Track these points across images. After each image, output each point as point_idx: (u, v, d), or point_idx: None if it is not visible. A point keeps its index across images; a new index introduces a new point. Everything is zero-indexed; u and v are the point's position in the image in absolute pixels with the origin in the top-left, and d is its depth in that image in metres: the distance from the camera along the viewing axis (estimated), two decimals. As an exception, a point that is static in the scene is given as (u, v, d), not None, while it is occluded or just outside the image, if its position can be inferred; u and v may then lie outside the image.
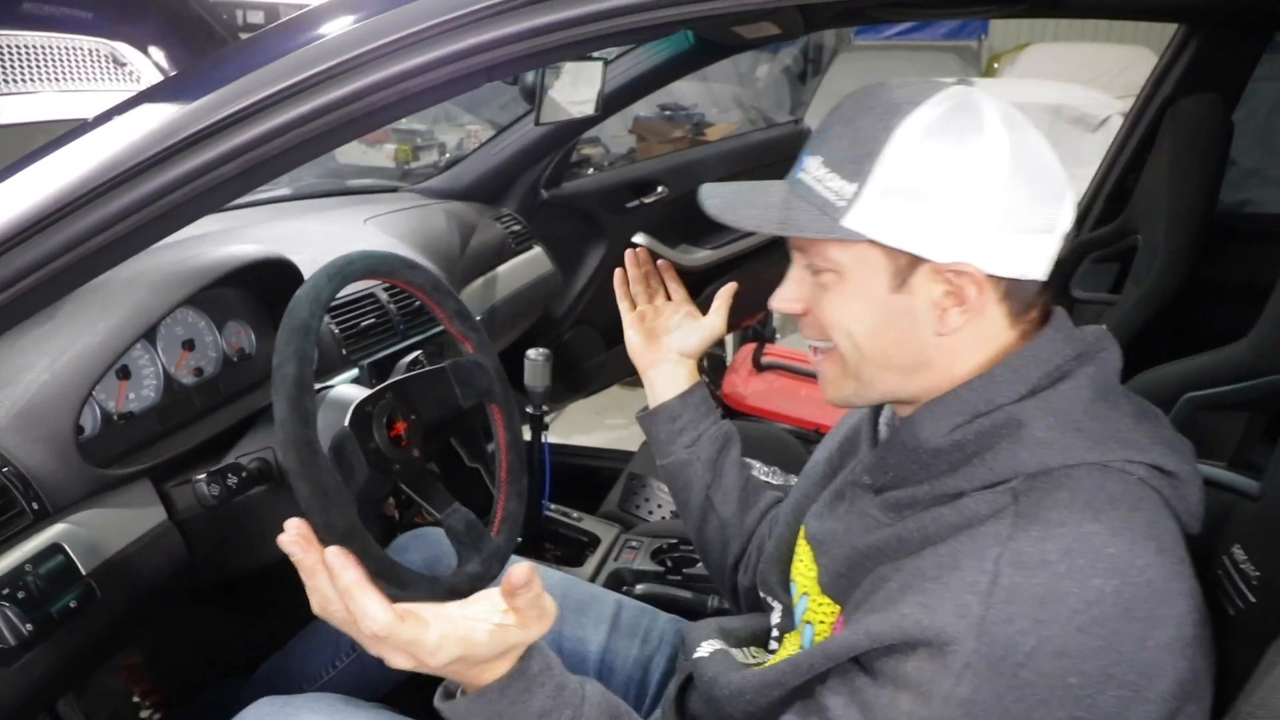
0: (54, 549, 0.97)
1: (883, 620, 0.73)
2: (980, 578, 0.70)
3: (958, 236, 0.75)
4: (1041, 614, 0.68)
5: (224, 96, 0.73)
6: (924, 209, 0.75)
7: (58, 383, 1.01)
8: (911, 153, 0.75)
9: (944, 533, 0.76)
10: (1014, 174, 0.74)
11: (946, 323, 0.79)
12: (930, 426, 0.80)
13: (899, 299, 0.79)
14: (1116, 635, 0.68)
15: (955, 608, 0.70)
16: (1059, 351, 0.79)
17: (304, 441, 0.96)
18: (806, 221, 0.78)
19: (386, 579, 0.99)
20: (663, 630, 1.24)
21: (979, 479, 0.77)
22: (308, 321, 1.00)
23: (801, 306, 0.84)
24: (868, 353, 0.82)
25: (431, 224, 1.95)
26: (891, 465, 0.84)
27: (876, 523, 0.84)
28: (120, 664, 1.49)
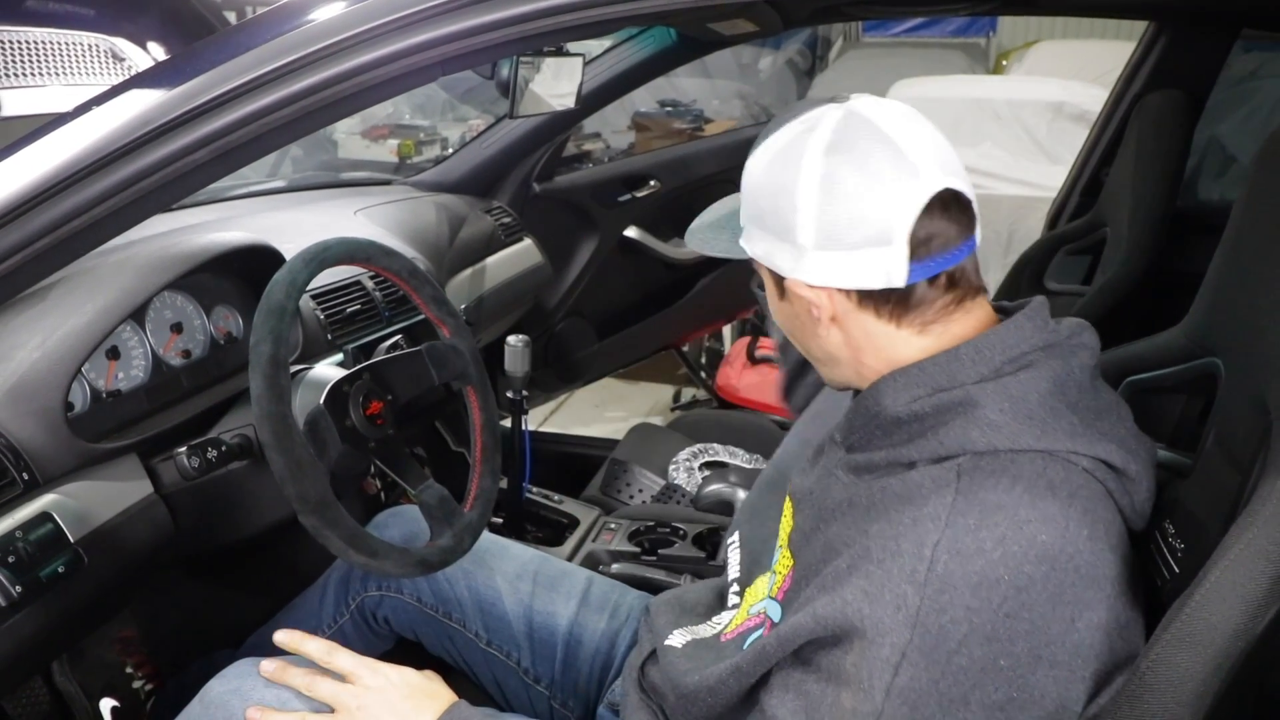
0: (43, 517, 1.03)
1: (829, 603, 0.77)
2: (918, 566, 0.73)
3: (790, 256, 0.83)
4: (974, 602, 0.72)
5: (193, 89, 0.79)
6: (765, 232, 0.84)
7: (48, 360, 1.06)
8: (752, 181, 0.86)
9: (890, 505, 0.79)
10: (825, 198, 0.80)
11: (818, 328, 0.86)
12: (891, 395, 0.84)
13: (786, 305, 0.89)
14: (1044, 619, 0.72)
15: (894, 598, 0.73)
16: (1026, 340, 0.82)
17: (278, 416, 1.01)
18: (720, 240, 0.94)
19: (357, 548, 1.04)
20: (631, 606, 1.29)
21: (929, 452, 0.80)
22: (283, 304, 1.06)
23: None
24: (800, 345, 0.93)
25: (421, 215, 2.00)
26: (857, 427, 0.88)
27: (838, 483, 0.88)
28: (114, 636, 1.55)
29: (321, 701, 0.99)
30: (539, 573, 1.33)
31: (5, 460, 1.02)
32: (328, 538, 1.03)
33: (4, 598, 0.95)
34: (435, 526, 1.18)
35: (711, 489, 1.64)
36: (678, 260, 2.78)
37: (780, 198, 0.82)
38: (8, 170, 0.82)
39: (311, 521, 1.02)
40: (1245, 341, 0.90)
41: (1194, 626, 0.70)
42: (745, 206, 0.87)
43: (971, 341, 0.82)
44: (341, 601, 1.37)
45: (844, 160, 0.80)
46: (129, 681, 1.54)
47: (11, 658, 0.99)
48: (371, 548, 1.05)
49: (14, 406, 1.04)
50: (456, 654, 1.31)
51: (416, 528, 1.37)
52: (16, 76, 1.69)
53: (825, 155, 0.80)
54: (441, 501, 1.18)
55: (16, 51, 1.71)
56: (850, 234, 0.80)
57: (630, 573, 1.58)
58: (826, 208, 0.80)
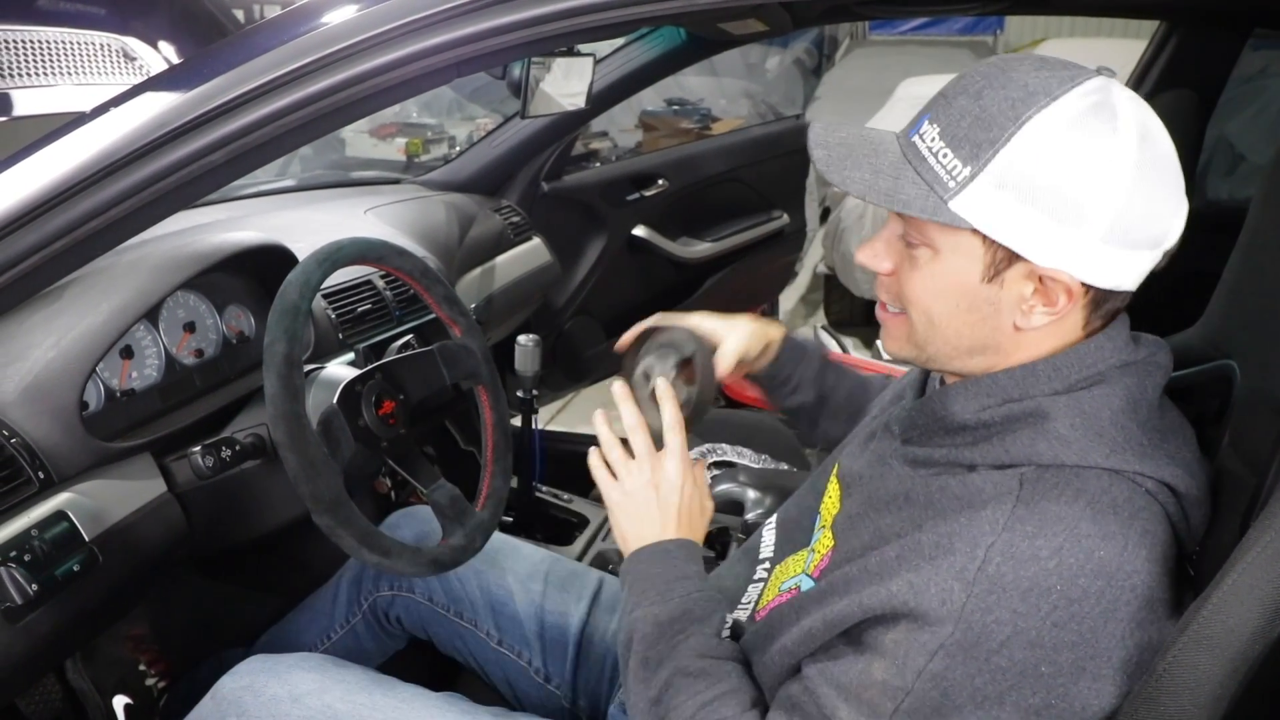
0: (59, 516, 1.03)
1: (875, 593, 0.77)
2: (969, 565, 0.73)
3: (1063, 243, 0.74)
4: (1021, 606, 0.72)
5: (210, 91, 0.79)
6: (1035, 210, 0.74)
7: (63, 359, 1.07)
8: (1036, 151, 0.73)
9: (948, 505, 0.79)
10: (1134, 188, 0.73)
11: (1029, 320, 0.79)
12: (962, 403, 0.82)
13: (987, 289, 0.79)
14: (1094, 633, 0.72)
15: (940, 592, 0.74)
16: (1105, 358, 0.80)
17: (292, 415, 1.02)
18: (913, 196, 0.77)
19: (370, 548, 1.04)
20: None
21: (993, 458, 0.80)
22: (297, 303, 1.06)
23: (889, 268, 0.84)
24: (940, 330, 0.83)
25: (430, 214, 2.01)
26: (920, 424, 0.87)
27: (894, 473, 0.88)
28: (127, 634, 1.56)
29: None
30: (550, 573, 1.33)
31: (21, 459, 1.02)
32: (341, 537, 1.03)
33: (20, 596, 0.96)
34: (447, 526, 1.18)
35: (720, 489, 1.64)
36: (686, 259, 2.78)
37: (1079, 176, 0.73)
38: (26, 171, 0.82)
39: (325, 521, 1.02)
40: (1261, 344, 0.90)
41: (1211, 629, 0.70)
42: (992, 169, 0.74)
43: (1050, 360, 0.80)
44: (353, 601, 1.38)
45: (1153, 154, 0.74)
46: (141, 679, 1.55)
47: (27, 656, 1.00)
48: (385, 547, 1.06)
49: (29, 405, 1.04)
50: (468, 653, 1.32)
51: (428, 527, 1.37)
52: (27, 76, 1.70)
53: (1139, 144, 0.73)
54: (453, 501, 1.18)
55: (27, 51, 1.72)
56: (1138, 232, 0.75)
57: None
58: (1134, 200, 0.73)
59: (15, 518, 1.00)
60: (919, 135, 0.79)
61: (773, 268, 3.16)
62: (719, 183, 2.82)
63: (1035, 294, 0.78)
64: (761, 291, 3.31)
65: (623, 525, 0.99)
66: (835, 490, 0.97)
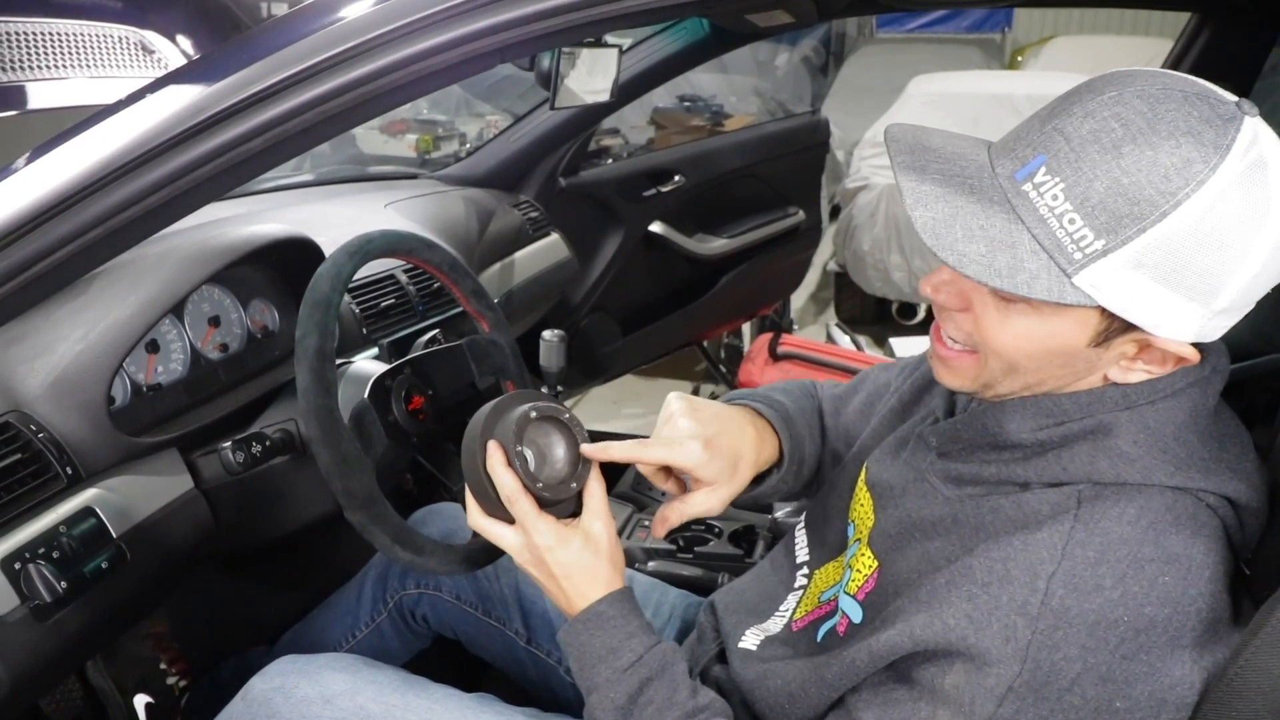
0: (86, 512, 1.01)
1: (927, 623, 0.74)
2: (1031, 598, 0.70)
3: (1189, 317, 0.69)
4: (1089, 641, 0.69)
5: (247, 77, 0.77)
6: (1170, 290, 0.67)
7: (91, 353, 1.05)
8: (1187, 234, 0.65)
9: (1001, 528, 0.76)
10: (1271, 256, 0.67)
11: (1126, 375, 0.75)
12: (1019, 421, 0.78)
13: (1091, 351, 0.73)
14: (1163, 662, 0.70)
15: (1002, 629, 0.70)
16: (1175, 382, 0.76)
17: (325, 410, 1.00)
18: (1036, 273, 0.68)
19: (403, 545, 1.03)
20: (673, 605, 1.27)
21: (1049, 475, 0.76)
22: (329, 296, 1.04)
23: (960, 305, 0.77)
24: (1020, 378, 0.77)
25: (450, 209, 1.99)
26: (964, 439, 0.82)
27: (934, 492, 0.84)
28: (149, 632, 1.54)
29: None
30: (580, 569, 1.30)
31: (49, 454, 1.01)
32: (374, 534, 1.01)
33: (49, 594, 0.94)
34: (478, 523, 1.16)
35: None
36: (702, 256, 2.76)
37: (1227, 256, 0.66)
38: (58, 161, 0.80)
39: (358, 518, 1.00)
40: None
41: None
42: (1131, 249, 0.66)
43: (1121, 388, 0.76)
44: (379, 599, 1.36)
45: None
46: (163, 678, 1.53)
47: (56, 654, 0.98)
48: (417, 544, 1.04)
49: (57, 400, 1.03)
50: (496, 653, 1.30)
51: (455, 524, 1.35)
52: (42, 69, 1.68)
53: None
54: (484, 498, 1.16)
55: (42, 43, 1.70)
56: (1259, 291, 0.69)
57: (666, 570, 1.56)
58: (1264, 273, 0.67)
59: (44, 514, 0.98)
60: (1031, 183, 0.69)
61: (788, 264, 3.14)
62: (735, 179, 2.80)
63: (1139, 355, 0.74)
64: (776, 289, 3.29)
65: (550, 592, 0.92)
66: (866, 499, 0.93)
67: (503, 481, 0.88)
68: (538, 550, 0.89)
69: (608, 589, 0.90)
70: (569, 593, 0.90)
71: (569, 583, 0.90)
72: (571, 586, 0.90)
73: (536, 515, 0.89)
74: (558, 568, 0.89)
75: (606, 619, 0.89)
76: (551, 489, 0.90)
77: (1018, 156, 0.71)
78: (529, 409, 0.92)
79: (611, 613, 0.90)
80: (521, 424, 0.90)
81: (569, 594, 0.90)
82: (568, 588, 0.90)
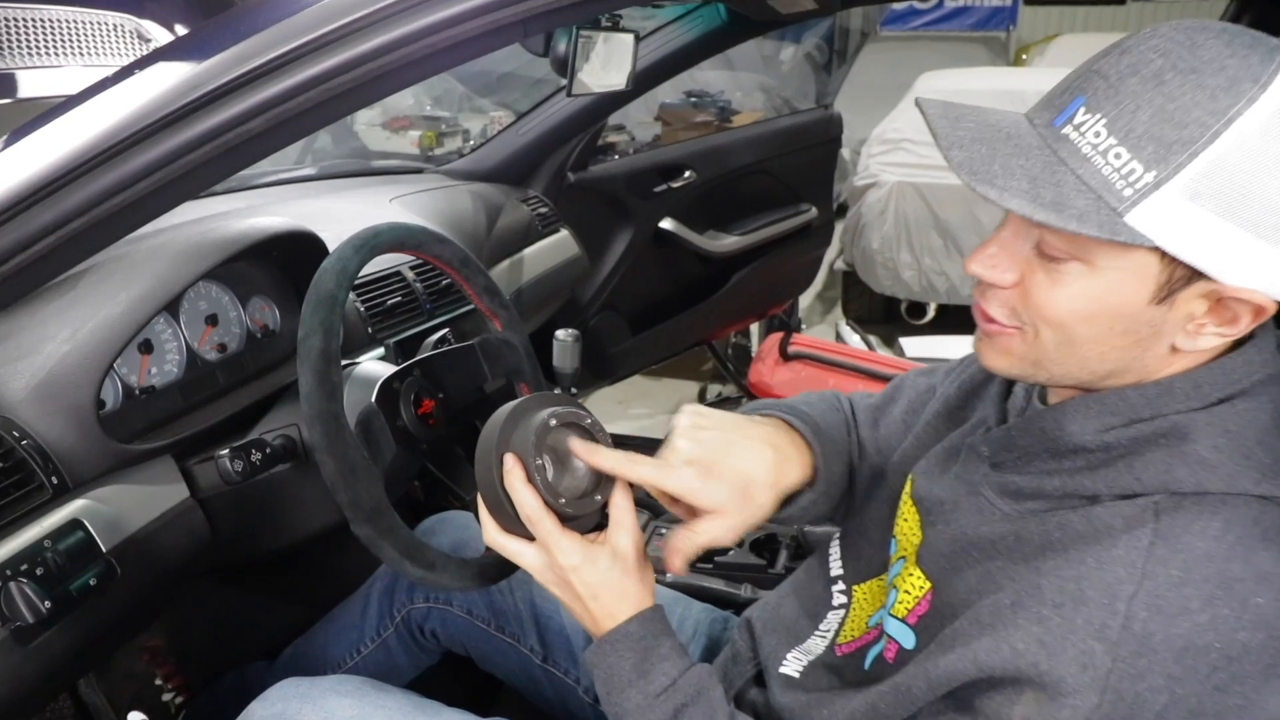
0: (74, 525, 0.94)
1: (993, 648, 0.67)
2: (1110, 620, 0.63)
3: (1261, 260, 0.62)
4: (1177, 670, 0.62)
5: (244, 52, 0.70)
6: (1234, 224, 0.61)
7: (79, 354, 0.98)
8: (1243, 155, 0.60)
9: (1070, 545, 0.69)
10: None
11: (1195, 341, 0.67)
12: (1081, 422, 0.71)
13: (1153, 311, 0.66)
14: (1258, 693, 0.63)
15: (1078, 655, 0.64)
16: (1252, 373, 0.69)
17: (330, 416, 0.93)
18: (1083, 209, 0.62)
19: (414, 560, 0.96)
20: (696, 620, 1.20)
21: (1119, 486, 0.69)
22: (334, 293, 0.97)
23: (1013, 280, 0.70)
24: (1078, 352, 0.69)
25: (457, 204, 1.92)
26: (1021, 448, 0.75)
27: (991, 508, 0.76)
28: (143, 646, 1.47)
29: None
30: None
31: (33, 463, 0.93)
32: (382, 548, 0.94)
33: (33, 614, 0.87)
34: (492, 535, 1.09)
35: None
36: (713, 253, 2.69)
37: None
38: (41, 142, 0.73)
39: (365, 531, 0.93)
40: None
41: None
42: (1185, 176, 0.61)
43: (1190, 376, 0.69)
44: (385, 613, 1.29)
45: None
46: (158, 694, 1.47)
47: (40, 679, 0.91)
48: (429, 559, 0.97)
49: (42, 404, 0.95)
50: (510, 671, 1.23)
51: (466, 534, 1.28)
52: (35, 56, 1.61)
53: None
54: (498, 508, 1.09)
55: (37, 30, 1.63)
56: None
57: (685, 581, 1.49)
58: None
59: (26, 527, 0.91)
60: (1071, 125, 0.65)
61: (800, 262, 3.07)
62: (747, 174, 2.74)
63: (1209, 313, 0.66)
64: (788, 287, 3.22)
65: (576, 612, 0.85)
66: (912, 514, 0.86)
67: (523, 500, 0.82)
68: (562, 570, 0.83)
69: (637, 608, 0.84)
70: (596, 613, 0.83)
71: (596, 603, 0.83)
72: (599, 607, 0.83)
73: (560, 533, 0.82)
74: (584, 588, 0.83)
75: (636, 640, 0.83)
76: (574, 504, 0.83)
77: (1053, 106, 0.67)
78: (548, 416, 0.84)
79: (641, 633, 0.83)
80: (541, 433, 0.84)
81: (596, 615, 0.84)
82: (595, 608, 0.83)
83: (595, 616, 0.84)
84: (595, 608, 0.83)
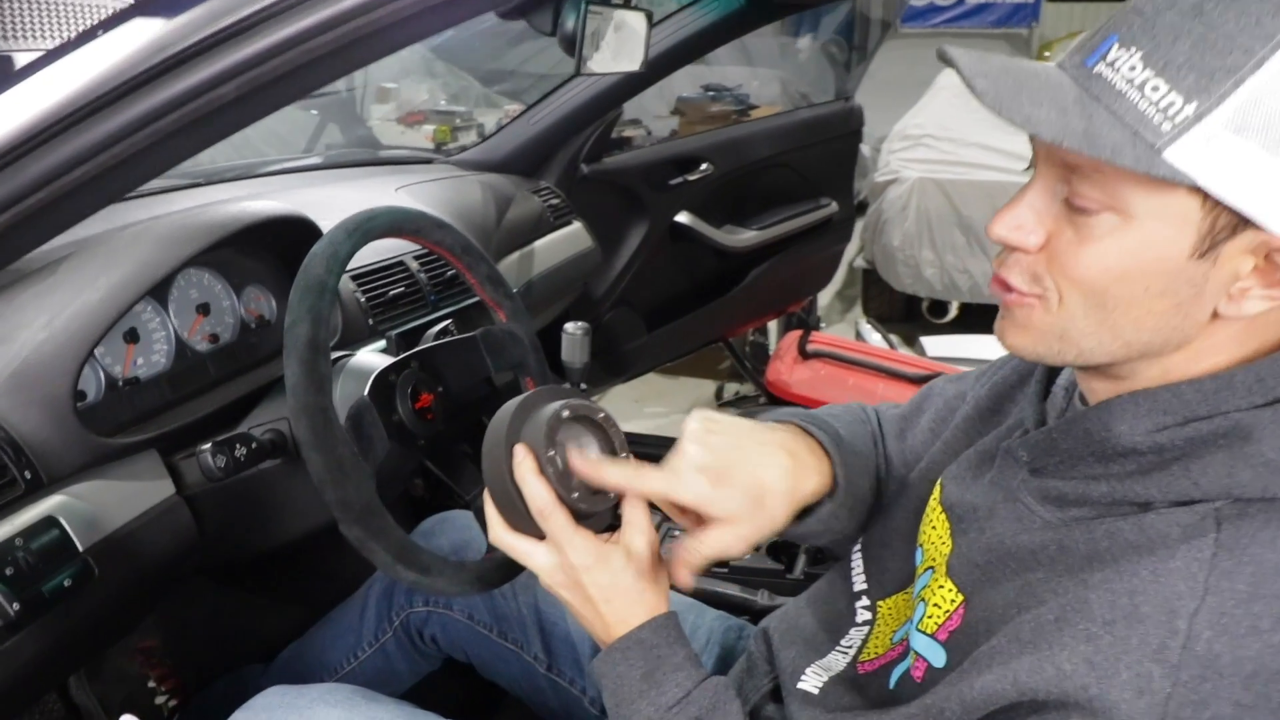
0: (48, 523, 0.89)
1: (1036, 668, 0.61)
2: (1169, 640, 0.57)
3: None
4: (1247, 696, 0.56)
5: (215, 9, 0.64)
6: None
7: (55, 342, 0.92)
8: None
9: (1120, 554, 0.62)
10: None
11: (1239, 306, 0.61)
12: (1131, 422, 0.65)
13: (1194, 266, 0.60)
14: None
15: (1134, 678, 0.57)
16: None
17: (317, 409, 0.87)
18: (1117, 142, 0.57)
19: (407, 563, 0.90)
20: (710, 629, 1.13)
21: (1175, 491, 0.63)
22: (323, 279, 0.92)
23: (1039, 243, 0.64)
24: (1111, 320, 0.63)
25: (466, 194, 1.86)
26: (1063, 451, 0.69)
27: (1031, 516, 0.70)
28: (137, 647, 1.42)
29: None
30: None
31: (5, 456, 0.88)
32: (373, 550, 0.88)
33: (0, 617, 0.81)
34: (493, 536, 1.03)
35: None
36: (730, 248, 2.62)
37: None
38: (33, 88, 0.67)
39: (355, 532, 0.87)
40: None
41: None
42: (1229, 107, 0.56)
43: (1252, 368, 0.62)
44: (384, 617, 1.23)
45: None
46: (151, 697, 1.42)
47: (10, 683, 0.86)
48: (423, 563, 0.91)
49: (15, 395, 0.90)
50: (513, 679, 1.17)
51: (468, 535, 1.23)
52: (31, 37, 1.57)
53: None
54: (500, 508, 1.03)
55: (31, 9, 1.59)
56: None
57: (697, 587, 1.43)
58: None
59: (-3, 525, 0.86)
60: (1104, 63, 0.59)
61: (820, 258, 3.00)
62: (765, 167, 2.67)
63: (1255, 272, 0.60)
64: (808, 283, 3.15)
65: (585, 617, 0.80)
66: (941, 522, 0.79)
67: (534, 492, 0.76)
68: (574, 571, 0.77)
69: (650, 614, 0.78)
70: (607, 618, 0.78)
71: (608, 607, 0.77)
72: (611, 611, 0.77)
73: (572, 531, 0.77)
74: (596, 590, 0.77)
75: (648, 647, 0.77)
76: (587, 500, 0.78)
77: (1085, 49, 0.62)
78: (560, 408, 0.79)
79: (655, 640, 0.77)
80: (553, 425, 0.78)
81: (607, 620, 0.78)
82: (606, 613, 0.77)
83: (607, 622, 0.78)
84: (607, 612, 0.78)
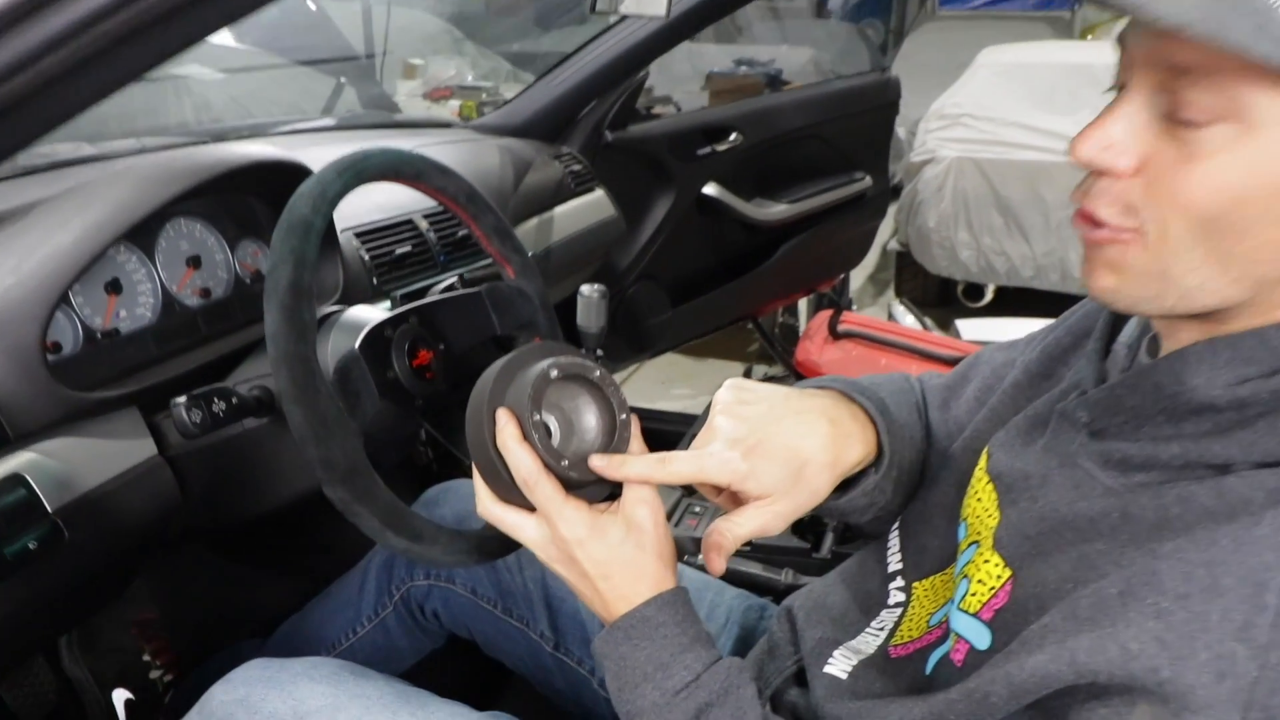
0: (13, 480, 0.82)
1: (1097, 648, 0.53)
2: (1256, 618, 0.50)
3: None
4: None
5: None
6: None
7: (22, 288, 0.86)
8: None
9: (1194, 522, 0.55)
10: None
11: None
12: (1208, 373, 0.57)
13: None
14: None
15: (1214, 659, 0.50)
16: None
17: (298, 359, 0.80)
18: (1238, 26, 0.48)
19: (397, 530, 0.82)
20: (730, 607, 1.05)
21: (1259, 451, 0.55)
22: (309, 219, 0.84)
23: (1133, 164, 0.56)
24: (1220, 250, 0.55)
25: (483, 157, 1.79)
26: (1129, 409, 0.61)
27: (1092, 482, 0.62)
28: (133, 620, 1.37)
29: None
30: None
31: (-35, 409, 0.82)
32: (359, 514, 0.81)
33: (-47, 581, 0.75)
34: (495, 505, 0.95)
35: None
36: (759, 221, 2.53)
37: None
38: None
39: (339, 493, 0.80)
40: None
41: None
42: None
43: None
44: (384, 590, 1.17)
45: None
46: (146, 670, 1.36)
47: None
48: (415, 529, 0.83)
49: (-21, 344, 0.84)
50: (518, 658, 1.10)
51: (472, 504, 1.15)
52: None
53: None
54: (504, 475, 0.96)
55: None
56: None
57: (719, 565, 1.35)
58: None
59: (-45, 483, 0.79)
60: None
61: (853, 235, 2.90)
62: (797, 139, 2.57)
63: None
64: (839, 261, 3.05)
65: (584, 594, 0.73)
66: (987, 492, 0.72)
67: (518, 461, 0.69)
68: (566, 544, 0.70)
69: (656, 589, 0.70)
70: (606, 595, 0.70)
71: (607, 583, 0.70)
72: (610, 588, 0.70)
73: (562, 501, 0.69)
74: (592, 565, 0.69)
75: (654, 626, 0.69)
76: (579, 467, 0.71)
77: None
78: (548, 366, 0.72)
79: (661, 618, 0.69)
80: (540, 386, 0.71)
81: (606, 596, 0.70)
82: (605, 589, 0.70)
83: (606, 599, 0.71)
84: (606, 588, 0.70)
